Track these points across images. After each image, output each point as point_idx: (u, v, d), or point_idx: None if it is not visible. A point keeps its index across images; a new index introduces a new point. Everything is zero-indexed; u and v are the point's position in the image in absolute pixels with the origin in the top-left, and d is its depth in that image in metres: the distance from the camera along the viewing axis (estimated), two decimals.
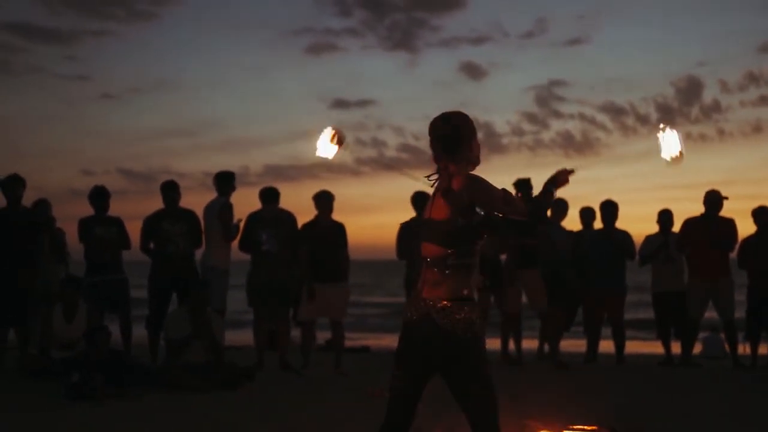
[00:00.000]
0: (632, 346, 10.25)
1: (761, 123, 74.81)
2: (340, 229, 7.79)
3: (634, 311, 15.99)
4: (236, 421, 5.25)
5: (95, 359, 6.55)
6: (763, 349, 8.90)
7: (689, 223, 8.49)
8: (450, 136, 3.06)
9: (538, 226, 3.81)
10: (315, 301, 7.61)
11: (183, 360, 6.72)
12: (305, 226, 7.83)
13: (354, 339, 14.45)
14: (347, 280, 7.88)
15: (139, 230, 7.98)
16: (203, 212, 8.05)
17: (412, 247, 6.96)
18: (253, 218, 7.85)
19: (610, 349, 8.86)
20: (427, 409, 3.21)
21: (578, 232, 8.74)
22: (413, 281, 5.83)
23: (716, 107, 79.31)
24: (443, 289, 3.00)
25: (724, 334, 9.03)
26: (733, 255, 8.48)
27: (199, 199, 9.23)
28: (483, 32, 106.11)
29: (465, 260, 3.00)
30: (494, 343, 6.74)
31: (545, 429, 4.76)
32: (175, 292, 7.85)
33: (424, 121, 3.13)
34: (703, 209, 8.43)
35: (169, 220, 7.87)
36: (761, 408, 5.89)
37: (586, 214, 8.71)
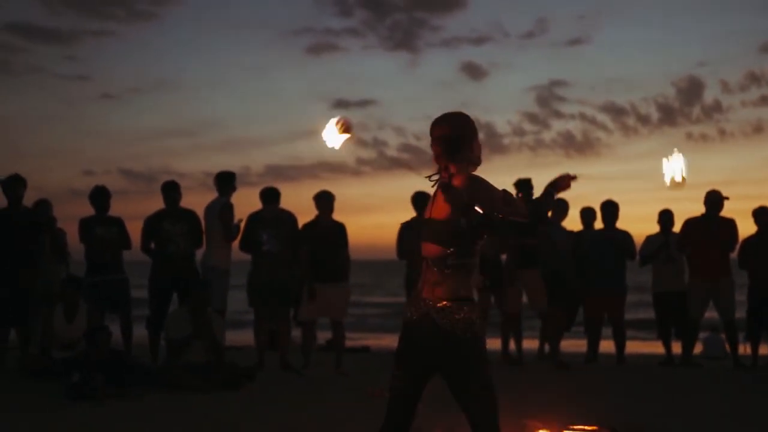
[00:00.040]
0: (633, 346, 10.23)
1: (762, 123, 74.97)
2: (340, 229, 7.80)
3: (635, 311, 16.00)
4: (237, 421, 5.25)
5: (96, 359, 6.56)
6: (763, 350, 8.89)
7: (690, 223, 8.49)
8: (451, 136, 3.06)
9: (538, 226, 3.81)
10: (315, 301, 7.61)
11: (183, 360, 6.72)
12: (306, 226, 7.83)
13: (354, 339, 14.47)
14: (348, 280, 7.88)
15: (140, 230, 7.98)
16: (204, 212, 8.04)
17: (413, 247, 6.95)
18: (253, 218, 7.85)
19: (611, 349, 8.85)
20: (427, 409, 3.21)
21: (579, 233, 8.72)
22: (413, 281, 5.84)
23: (717, 107, 79.51)
24: (443, 289, 3.00)
25: (725, 335, 9.01)
26: (734, 255, 8.48)
27: (200, 199, 9.26)
28: (484, 32, 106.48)
29: (465, 260, 3.01)
30: (494, 343, 6.74)
31: (545, 429, 4.75)
32: (175, 292, 7.85)
33: (425, 121, 3.14)
34: (703, 209, 8.43)
35: (170, 220, 7.87)
36: (762, 408, 5.89)
37: (587, 214, 8.70)
